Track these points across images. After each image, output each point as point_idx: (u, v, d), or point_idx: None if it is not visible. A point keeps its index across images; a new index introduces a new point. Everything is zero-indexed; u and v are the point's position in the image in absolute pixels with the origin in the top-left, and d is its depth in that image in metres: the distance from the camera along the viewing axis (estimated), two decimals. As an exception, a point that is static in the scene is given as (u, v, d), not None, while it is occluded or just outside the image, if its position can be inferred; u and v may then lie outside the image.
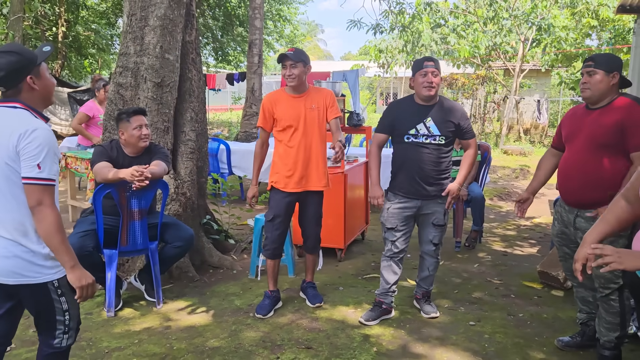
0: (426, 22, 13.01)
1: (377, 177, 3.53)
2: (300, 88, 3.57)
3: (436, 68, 3.30)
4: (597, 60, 2.81)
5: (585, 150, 2.84)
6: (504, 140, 14.96)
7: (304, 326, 3.49)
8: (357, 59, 28.71)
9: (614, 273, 2.80)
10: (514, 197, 8.43)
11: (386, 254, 3.59)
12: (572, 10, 14.59)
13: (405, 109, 3.45)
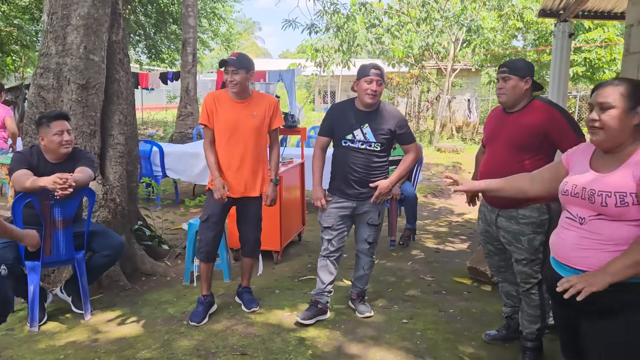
0: (361, 22, 13.19)
1: (319, 178, 3.58)
2: (242, 94, 3.54)
3: (381, 77, 3.37)
4: (510, 66, 2.94)
5: (504, 152, 2.97)
6: (437, 138, 15.41)
7: (239, 332, 3.46)
8: (295, 57, 28.76)
9: (534, 268, 2.95)
10: (447, 194, 8.71)
11: (323, 253, 3.64)
12: (499, 13, 15.22)
13: (345, 114, 3.49)
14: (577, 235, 1.93)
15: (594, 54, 15.12)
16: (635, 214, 1.80)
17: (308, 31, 10.47)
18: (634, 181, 1.81)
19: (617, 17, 6.91)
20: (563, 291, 1.93)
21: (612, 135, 1.88)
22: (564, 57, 7.10)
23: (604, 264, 1.83)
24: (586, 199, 1.90)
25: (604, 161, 1.96)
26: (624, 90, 1.88)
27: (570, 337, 2.08)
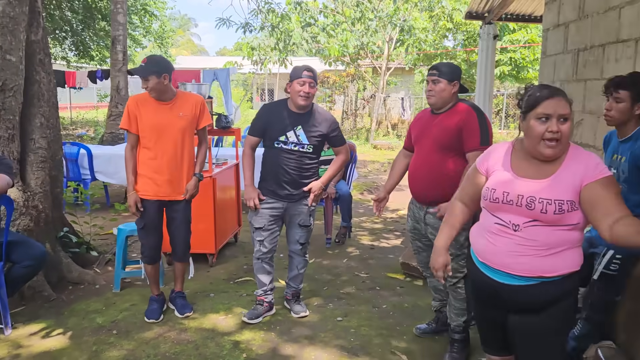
0: (296, 21, 13.21)
1: (250, 178, 3.57)
2: (164, 96, 3.47)
3: (314, 79, 3.40)
4: (440, 69, 3.04)
5: (431, 152, 3.07)
6: (373, 135, 15.69)
7: (172, 339, 3.39)
8: (233, 55, 28.40)
9: (459, 263, 3.07)
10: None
11: (256, 255, 3.65)
12: (430, 14, 15.66)
13: (278, 115, 3.49)
14: (511, 242, 1.95)
15: (519, 54, 15.85)
16: (569, 220, 1.88)
17: (243, 30, 10.37)
18: (572, 190, 1.87)
19: (537, 20, 7.28)
20: (488, 292, 2.05)
21: (565, 146, 1.92)
22: (489, 58, 7.42)
23: (541, 269, 1.91)
24: (523, 206, 1.91)
25: (529, 167, 1.97)
26: (567, 100, 1.92)
27: (493, 332, 2.18)
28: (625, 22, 3.17)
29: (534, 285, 1.93)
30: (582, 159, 1.91)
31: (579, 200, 1.88)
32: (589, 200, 1.85)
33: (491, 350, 2.26)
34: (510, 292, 1.98)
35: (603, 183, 1.86)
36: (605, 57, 3.44)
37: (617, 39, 3.27)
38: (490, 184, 2.03)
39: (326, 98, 18.09)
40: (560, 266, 1.91)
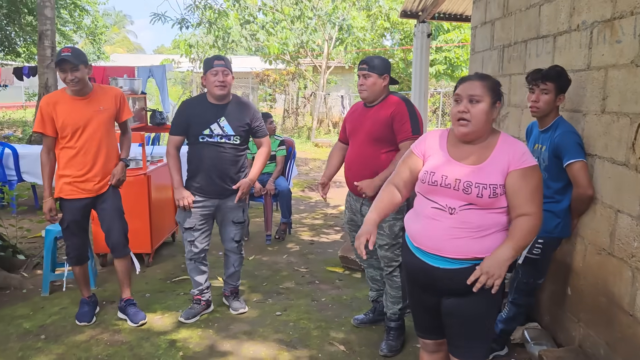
0: (235, 18, 13.08)
1: (180, 179, 3.48)
2: (84, 90, 3.32)
3: (227, 67, 3.35)
4: (370, 64, 3.09)
5: (365, 144, 3.12)
6: (315, 133, 15.76)
7: (105, 340, 3.28)
8: (171, 53, 27.73)
9: (395, 252, 3.13)
10: (323, 188, 8.93)
11: (188, 256, 3.59)
12: (367, 13, 15.89)
13: (199, 109, 3.43)
14: (447, 225, 2.00)
15: (453, 54, 16.35)
16: (501, 203, 1.96)
17: (179, 26, 10.15)
18: (501, 174, 1.96)
19: (468, 20, 7.52)
20: (423, 277, 2.10)
21: (478, 127, 1.98)
22: (423, 56, 7.61)
23: (474, 250, 1.98)
24: (460, 190, 1.96)
25: (464, 152, 2.03)
26: (489, 85, 2.00)
27: (427, 317, 2.23)
28: (545, 19, 3.33)
29: (466, 269, 1.99)
30: (511, 147, 2.00)
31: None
32: (509, 187, 1.95)
33: (425, 334, 2.32)
34: (444, 276, 2.04)
35: (524, 173, 1.95)
36: (527, 52, 3.61)
37: (537, 35, 3.44)
38: (429, 167, 2.08)
39: (267, 96, 18.00)
40: (491, 247, 1.98)
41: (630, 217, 2.47)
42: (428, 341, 2.32)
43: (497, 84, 2.04)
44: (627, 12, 2.49)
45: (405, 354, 3.16)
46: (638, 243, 2.42)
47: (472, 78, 2.04)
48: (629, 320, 2.49)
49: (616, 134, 2.58)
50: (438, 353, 2.32)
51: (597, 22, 2.74)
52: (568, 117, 2.98)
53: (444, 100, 19.00)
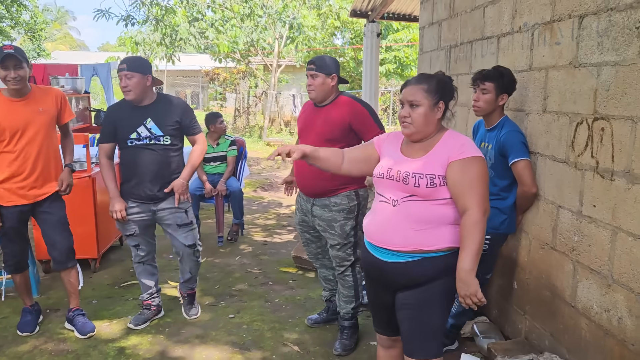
0: (183, 15, 12.82)
1: (115, 189, 3.35)
2: (23, 90, 3.16)
3: (130, 70, 3.17)
4: (317, 63, 3.08)
5: (313, 144, 3.09)
6: (267, 132, 15.67)
7: (50, 350, 3.15)
8: (116, 50, 26.91)
9: (346, 252, 3.15)
10: (276, 188, 8.90)
11: (135, 260, 3.51)
12: (318, 12, 15.92)
13: (124, 113, 3.29)
14: (390, 217, 2.06)
15: (403, 53, 16.63)
16: (442, 194, 2.00)
17: (124, 23, 9.83)
18: (440, 165, 2.01)
19: (416, 20, 7.66)
20: (376, 272, 2.14)
21: (420, 129, 2.06)
22: (373, 55, 7.70)
23: (418, 242, 2.01)
24: (400, 181, 2.03)
25: (413, 149, 2.12)
26: (427, 88, 2.05)
27: (384, 312, 2.26)
28: (489, 21, 3.43)
29: (414, 262, 2.03)
30: (453, 140, 2.07)
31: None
32: (449, 178, 2.01)
33: (381, 329, 2.35)
34: (393, 270, 2.08)
35: (462, 164, 2.00)
36: (473, 53, 3.70)
37: (482, 36, 3.53)
38: (381, 162, 2.20)
39: (217, 95, 17.76)
40: (437, 240, 2.02)
41: (571, 213, 2.57)
42: (384, 336, 2.35)
43: (439, 84, 2.07)
44: (566, 15, 2.59)
45: (359, 352, 3.19)
46: (578, 237, 2.52)
47: (411, 82, 2.11)
48: (570, 311, 2.59)
49: (557, 133, 2.68)
50: (393, 349, 2.36)
51: (538, 24, 2.84)
52: (512, 116, 3.07)
53: (394, 99, 19.29)
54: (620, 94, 2.21)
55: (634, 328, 2.16)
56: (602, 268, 2.35)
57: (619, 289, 2.24)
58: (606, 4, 2.29)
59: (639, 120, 2.10)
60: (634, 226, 2.14)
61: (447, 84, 2.10)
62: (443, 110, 2.09)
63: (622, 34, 2.19)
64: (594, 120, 2.38)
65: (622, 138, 2.20)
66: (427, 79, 2.09)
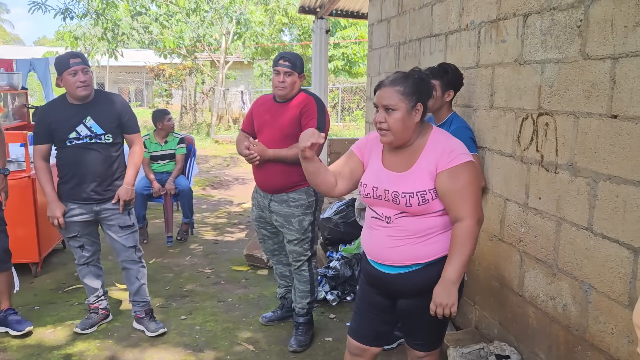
0: (125, 9, 12.42)
1: (52, 192, 3.16)
2: None
3: (85, 64, 3.06)
4: (293, 62, 3.03)
5: (276, 141, 3.06)
6: (214, 130, 15.43)
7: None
8: (54, 45, 25.80)
9: (303, 247, 3.14)
10: (225, 185, 8.78)
11: (79, 262, 3.35)
12: (265, 7, 15.80)
13: (61, 113, 3.12)
14: (385, 234, 1.99)
15: (350, 50, 16.76)
16: (436, 207, 1.92)
17: (62, 16, 9.43)
18: (429, 178, 1.91)
19: (364, 17, 7.72)
20: (377, 281, 2.06)
21: (398, 135, 1.93)
22: (322, 52, 7.71)
23: (415, 256, 1.95)
24: (390, 201, 1.94)
25: (395, 158, 2.00)
26: (402, 90, 1.90)
27: (374, 318, 2.16)
28: (437, 18, 3.49)
29: (416, 271, 1.98)
30: (440, 145, 1.94)
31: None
32: (439, 189, 1.91)
33: (359, 337, 2.20)
34: (395, 280, 2.02)
35: (452, 173, 1.89)
36: (421, 50, 3.76)
37: (430, 33, 3.60)
38: (364, 179, 2.06)
39: (163, 92, 17.33)
40: (436, 250, 1.96)
41: (518, 205, 2.66)
42: (357, 344, 2.20)
43: (415, 85, 1.93)
44: (511, 14, 2.67)
45: (314, 348, 3.19)
46: (525, 229, 2.61)
47: (386, 84, 1.95)
48: (518, 300, 2.68)
49: (503, 128, 2.77)
50: (361, 358, 2.22)
51: (484, 22, 2.92)
52: (460, 112, 3.14)
53: (343, 96, 19.43)
54: (563, 90, 2.30)
55: (577, 314, 2.26)
56: (547, 258, 2.45)
57: (564, 278, 2.33)
58: (549, 4, 2.38)
59: (580, 116, 2.20)
60: (577, 217, 2.23)
61: (424, 83, 1.97)
62: (422, 112, 1.95)
63: (564, 33, 2.28)
64: (539, 116, 2.47)
65: (565, 132, 2.29)
66: (403, 80, 1.93)
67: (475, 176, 1.94)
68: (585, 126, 2.17)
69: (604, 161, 2.07)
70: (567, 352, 2.33)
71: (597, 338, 2.15)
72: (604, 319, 2.11)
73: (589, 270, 2.18)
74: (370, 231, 2.06)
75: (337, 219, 4.40)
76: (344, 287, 3.88)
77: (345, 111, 19.49)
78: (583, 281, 2.22)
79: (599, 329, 2.14)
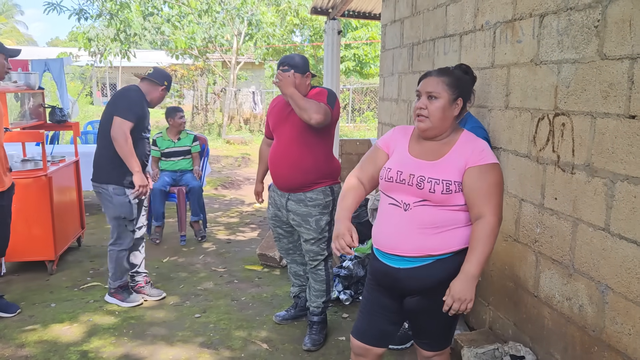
0: (137, 10, 12.50)
1: (138, 163, 3.53)
2: None
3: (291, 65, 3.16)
4: (292, 64, 3.06)
5: (292, 138, 3.08)
6: (226, 130, 15.49)
7: (7, 357, 3.02)
8: (66, 46, 26.01)
9: (320, 246, 3.15)
10: (237, 185, 8.82)
11: (129, 246, 3.72)
12: (277, 8, 15.84)
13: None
14: (401, 222, 1.98)
15: (362, 50, 16.75)
16: (456, 200, 1.93)
17: (77, 17, 9.52)
18: (457, 171, 1.93)
19: (376, 18, 7.73)
20: (386, 279, 2.06)
21: (436, 124, 1.96)
22: (334, 52, 7.72)
23: (428, 247, 1.95)
24: (414, 185, 1.94)
25: (423, 149, 2.02)
26: (448, 81, 1.97)
27: (380, 319, 2.16)
28: (451, 19, 3.49)
29: (426, 266, 1.98)
30: (471, 144, 1.98)
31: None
32: (466, 184, 1.92)
33: (363, 337, 2.19)
34: (405, 275, 2.01)
35: (481, 170, 1.92)
36: (435, 50, 3.76)
37: (444, 34, 3.60)
38: (387, 164, 2.07)
39: (174, 93, 17.42)
40: (449, 244, 1.96)
41: (533, 205, 2.66)
42: (360, 344, 2.20)
43: (459, 80, 2.01)
44: (527, 14, 2.67)
45: (328, 347, 3.20)
46: (540, 229, 2.61)
47: (432, 74, 2.02)
48: (533, 301, 2.68)
49: (519, 128, 2.76)
50: (364, 358, 2.22)
51: (500, 22, 2.92)
52: (475, 113, 3.14)
53: (354, 97, 19.41)
54: (580, 90, 2.29)
55: (594, 315, 2.25)
56: (563, 258, 2.44)
57: (580, 278, 2.33)
58: (566, 4, 2.37)
59: (597, 116, 2.19)
60: (594, 217, 2.23)
61: (466, 83, 2.05)
62: (461, 107, 2.00)
63: (581, 33, 2.28)
64: (555, 116, 2.46)
65: (582, 133, 2.29)
66: (449, 73, 2.02)
67: (501, 179, 1.96)
68: (602, 126, 2.17)
69: (622, 161, 2.07)
70: (583, 353, 2.32)
71: (614, 339, 2.14)
72: (621, 319, 2.10)
73: (606, 271, 2.17)
74: (386, 218, 2.05)
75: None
76: (356, 287, 3.89)
77: (356, 112, 19.47)
78: (600, 282, 2.21)
79: (616, 330, 2.13)
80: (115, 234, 3.64)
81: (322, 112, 2.88)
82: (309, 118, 2.86)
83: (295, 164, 3.07)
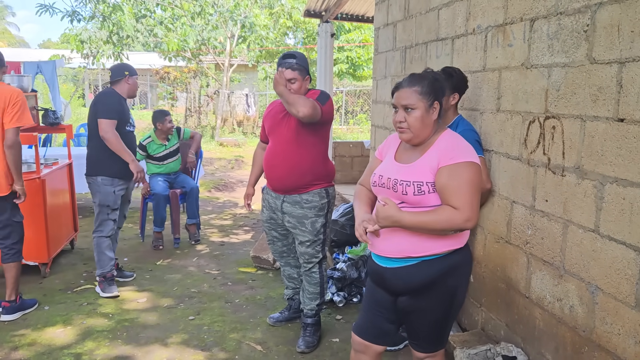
0: (130, 12, 12.49)
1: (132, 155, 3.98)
2: None
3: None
4: (297, 68, 3.05)
5: (288, 141, 3.09)
6: (219, 132, 15.49)
7: (0, 359, 3.02)
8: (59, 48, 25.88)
9: (315, 249, 3.16)
10: (230, 188, 8.82)
11: (109, 234, 4.00)
12: (270, 11, 15.86)
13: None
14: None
15: (355, 53, 16.80)
16: (431, 201, 1.95)
17: (69, 19, 9.51)
18: (430, 171, 1.95)
19: (369, 21, 7.77)
20: (378, 278, 2.11)
21: (417, 132, 2.00)
22: (328, 55, 7.75)
23: (408, 249, 1.99)
24: (390, 188, 2.01)
25: (407, 153, 2.08)
26: (421, 90, 1.98)
27: (378, 316, 2.19)
28: (443, 22, 3.53)
29: (412, 266, 2.01)
30: (445, 143, 2.01)
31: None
32: (438, 184, 1.95)
33: (363, 333, 2.24)
34: (393, 275, 2.06)
35: (451, 169, 1.93)
36: (428, 54, 3.80)
37: (437, 37, 3.63)
38: (376, 170, 2.15)
39: (167, 95, 17.39)
40: (431, 246, 1.99)
41: (524, 207, 2.69)
42: (361, 340, 2.24)
43: (431, 85, 2.01)
44: (518, 19, 2.70)
45: (321, 349, 3.21)
46: (531, 231, 2.64)
47: (403, 85, 2.03)
48: (525, 302, 2.71)
49: (510, 131, 2.80)
50: (365, 355, 2.26)
51: (491, 26, 2.95)
52: (467, 115, 3.17)
53: (347, 99, 19.45)
54: (570, 93, 2.33)
55: (584, 315, 2.28)
56: (554, 259, 2.47)
57: (571, 279, 2.36)
58: (556, 8, 2.41)
59: (587, 119, 2.23)
60: (584, 219, 2.26)
61: (439, 82, 2.05)
62: (438, 110, 2.03)
63: (571, 37, 2.31)
64: (546, 119, 2.50)
65: (572, 136, 2.32)
66: (420, 80, 2.01)
67: (475, 177, 1.95)
68: (592, 129, 2.20)
69: (611, 164, 2.10)
70: (574, 353, 2.35)
71: (604, 339, 2.17)
72: (611, 320, 2.13)
73: (596, 272, 2.21)
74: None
75: (344, 221, 4.43)
76: (350, 289, 3.90)
77: (349, 114, 19.51)
78: (590, 283, 2.24)
79: (606, 330, 2.16)
80: (98, 221, 3.99)
81: (310, 106, 2.87)
82: (297, 111, 2.86)
83: (293, 165, 3.08)
